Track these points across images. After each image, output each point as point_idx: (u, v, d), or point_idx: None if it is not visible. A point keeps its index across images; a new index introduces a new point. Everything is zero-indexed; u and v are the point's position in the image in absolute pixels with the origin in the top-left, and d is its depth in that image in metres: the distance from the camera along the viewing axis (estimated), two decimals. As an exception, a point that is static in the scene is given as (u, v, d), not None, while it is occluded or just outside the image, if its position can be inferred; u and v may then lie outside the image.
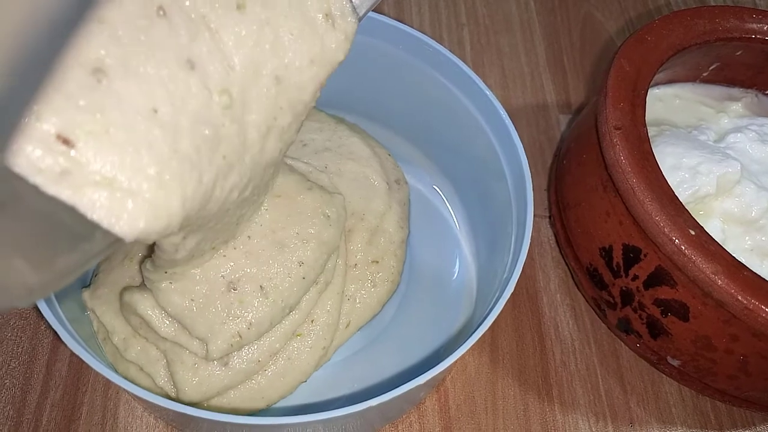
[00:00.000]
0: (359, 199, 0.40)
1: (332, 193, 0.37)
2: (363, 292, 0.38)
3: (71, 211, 0.17)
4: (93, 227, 0.17)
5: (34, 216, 0.16)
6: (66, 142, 0.16)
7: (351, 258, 0.38)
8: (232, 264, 0.32)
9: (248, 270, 0.32)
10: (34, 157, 0.16)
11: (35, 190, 0.16)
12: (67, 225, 0.17)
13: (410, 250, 0.42)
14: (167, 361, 0.33)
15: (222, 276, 0.31)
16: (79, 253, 0.18)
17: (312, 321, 0.36)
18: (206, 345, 0.32)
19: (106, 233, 0.17)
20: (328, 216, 0.35)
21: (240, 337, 0.32)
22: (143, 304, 0.32)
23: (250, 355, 0.33)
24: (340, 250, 0.37)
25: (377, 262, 0.39)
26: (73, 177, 0.16)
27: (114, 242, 0.18)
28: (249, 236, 0.32)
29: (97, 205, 0.17)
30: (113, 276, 0.35)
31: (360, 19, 0.26)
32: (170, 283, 0.31)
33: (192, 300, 0.31)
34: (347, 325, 0.37)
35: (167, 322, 0.32)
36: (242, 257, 0.32)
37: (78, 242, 0.18)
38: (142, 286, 0.33)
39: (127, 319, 0.34)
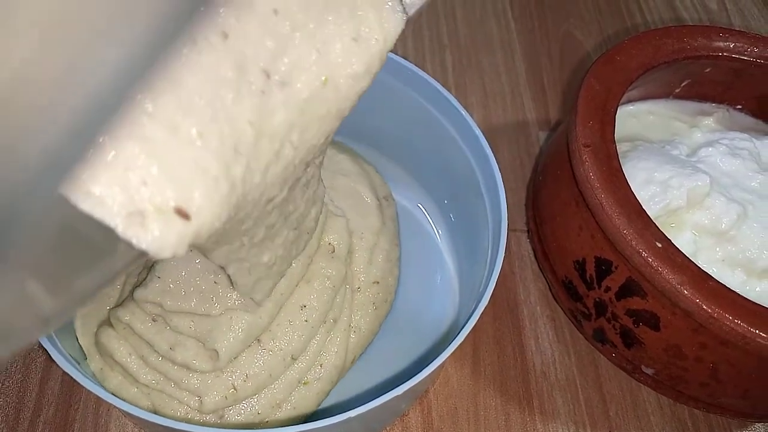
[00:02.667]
0: (356, 216, 0.39)
1: (336, 215, 0.36)
2: (367, 318, 0.37)
3: (98, 227, 0.15)
4: (116, 240, 0.16)
5: (52, 230, 0.14)
6: (182, 214, 0.17)
7: (355, 281, 0.37)
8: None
9: None
10: (117, 201, 0.15)
11: (68, 208, 0.15)
12: (88, 239, 0.16)
13: (395, 266, 0.43)
14: (153, 406, 0.32)
15: None
16: (99, 271, 0.16)
17: (321, 366, 0.34)
18: (200, 397, 0.31)
19: (130, 247, 0.16)
20: (333, 247, 0.33)
21: (236, 389, 0.31)
22: (119, 352, 0.31)
23: (249, 408, 0.32)
24: (347, 277, 0.36)
25: (378, 282, 0.38)
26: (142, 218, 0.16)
27: (137, 257, 0.17)
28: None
29: (138, 227, 0.16)
30: None
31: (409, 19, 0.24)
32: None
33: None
34: (353, 360, 0.36)
35: (146, 369, 0.31)
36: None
37: (99, 258, 0.16)
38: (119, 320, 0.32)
39: (103, 357, 0.33)
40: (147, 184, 0.16)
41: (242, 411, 0.32)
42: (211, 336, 0.31)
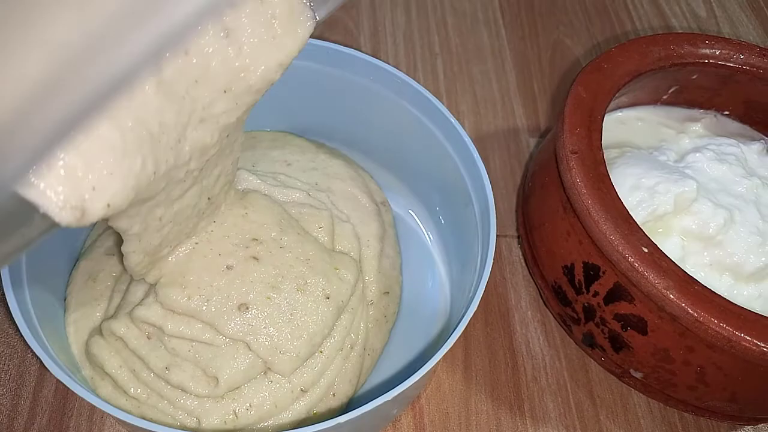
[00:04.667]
0: (359, 222, 0.38)
1: (342, 221, 0.35)
2: (380, 335, 0.35)
3: (20, 203, 0.17)
4: (32, 212, 0.17)
5: None
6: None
7: (368, 293, 0.36)
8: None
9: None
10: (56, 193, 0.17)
11: None
12: (4, 212, 0.17)
13: (387, 273, 0.43)
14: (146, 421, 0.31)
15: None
16: (13, 241, 0.18)
17: (333, 395, 0.33)
18: (198, 419, 0.30)
19: (45, 217, 0.17)
20: (345, 279, 0.32)
21: (236, 416, 0.30)
22: (109, 363, 0.30)
23: None
24: (364, 292, 0.35)
25: (387, 293, 0.37)
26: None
27: (51, 227, 0.19)
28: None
29: (59, 199, 0.18)
30: (81, 297, 0.34)
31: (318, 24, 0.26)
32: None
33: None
34: (363, 382, 0.35)
35: (137, 383, 0.30)
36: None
37: (14, 229, 0.18)
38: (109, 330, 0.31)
39: (93, 368, 0.32)
40: (95, 189, 0.19)
41: None
42: (213, 362, 0.30)
